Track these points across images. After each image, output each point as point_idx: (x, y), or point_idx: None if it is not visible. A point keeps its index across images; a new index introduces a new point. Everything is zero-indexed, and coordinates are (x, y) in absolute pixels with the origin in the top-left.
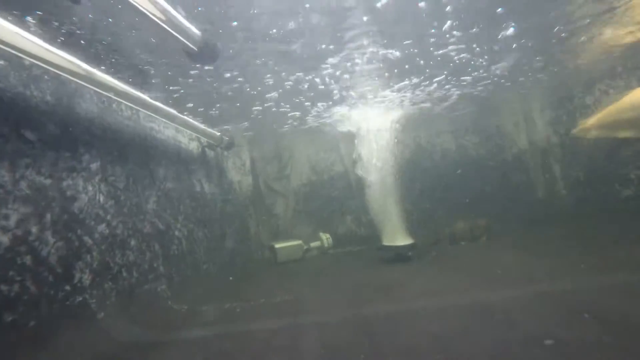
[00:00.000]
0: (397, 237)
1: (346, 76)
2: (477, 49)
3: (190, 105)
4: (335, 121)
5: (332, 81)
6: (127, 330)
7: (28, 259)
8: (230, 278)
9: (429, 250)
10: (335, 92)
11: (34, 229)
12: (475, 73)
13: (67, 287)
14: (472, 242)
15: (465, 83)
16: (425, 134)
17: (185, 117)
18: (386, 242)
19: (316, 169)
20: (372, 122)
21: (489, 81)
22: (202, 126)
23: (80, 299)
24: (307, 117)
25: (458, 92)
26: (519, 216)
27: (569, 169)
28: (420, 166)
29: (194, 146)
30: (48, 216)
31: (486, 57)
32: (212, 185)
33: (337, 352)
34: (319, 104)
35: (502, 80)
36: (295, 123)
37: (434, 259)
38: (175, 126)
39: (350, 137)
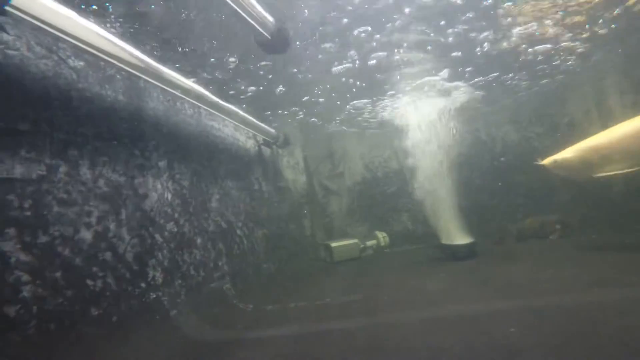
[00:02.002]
0: (456, 236)
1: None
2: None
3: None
4: (388, 114)
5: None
6: (199, 328)
7: (108, 256)
8: (311, 271)
9: (493, 248)
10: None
11: (112, 226)
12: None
13: (143, 284)
14: (541, 240)
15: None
16: (485, 126)
17: (243, 114)
18: (445, 241)
19: (370, 166)
20: (426, 114)
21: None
22: (259, 123)
23: (155, 296)
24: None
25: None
26: (593, 213)
27: None
28: (480, 160)
29: (250, 144)
30: (123, 213)
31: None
32: (269, 184)
33: (425, 354)
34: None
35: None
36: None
37: (499, 258)
38: (234, 124)
39: (404, 131)
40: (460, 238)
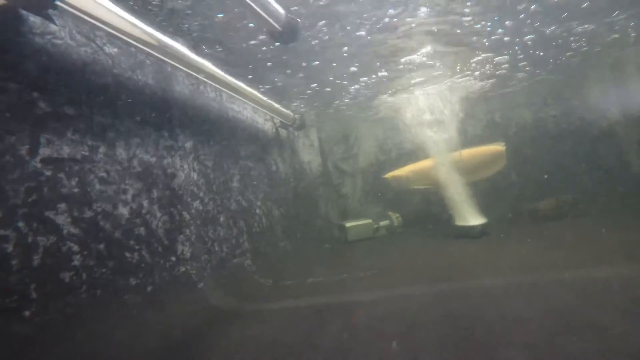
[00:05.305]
0: (469, 217)
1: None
2: None
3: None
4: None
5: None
6: (224, 300)
7: (142, 231)
8: (327, 245)
9: (505, 228)
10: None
11: (145, 203)
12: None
13: (173, 258)
14: (557, 221)
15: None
16: (499, 108)
17: (261, 97)
18: (458, 222)
19: (383, 147)
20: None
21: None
22: (276, 106)
23: (184, 269)
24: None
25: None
26: (607, 195)
27: None
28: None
29: (268, 126)
30: (155, 192)
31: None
32: (286, 165)
33: (445, 321)
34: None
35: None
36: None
37: (510, 238)
38: (253, 106)
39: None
40: (472, 219)
